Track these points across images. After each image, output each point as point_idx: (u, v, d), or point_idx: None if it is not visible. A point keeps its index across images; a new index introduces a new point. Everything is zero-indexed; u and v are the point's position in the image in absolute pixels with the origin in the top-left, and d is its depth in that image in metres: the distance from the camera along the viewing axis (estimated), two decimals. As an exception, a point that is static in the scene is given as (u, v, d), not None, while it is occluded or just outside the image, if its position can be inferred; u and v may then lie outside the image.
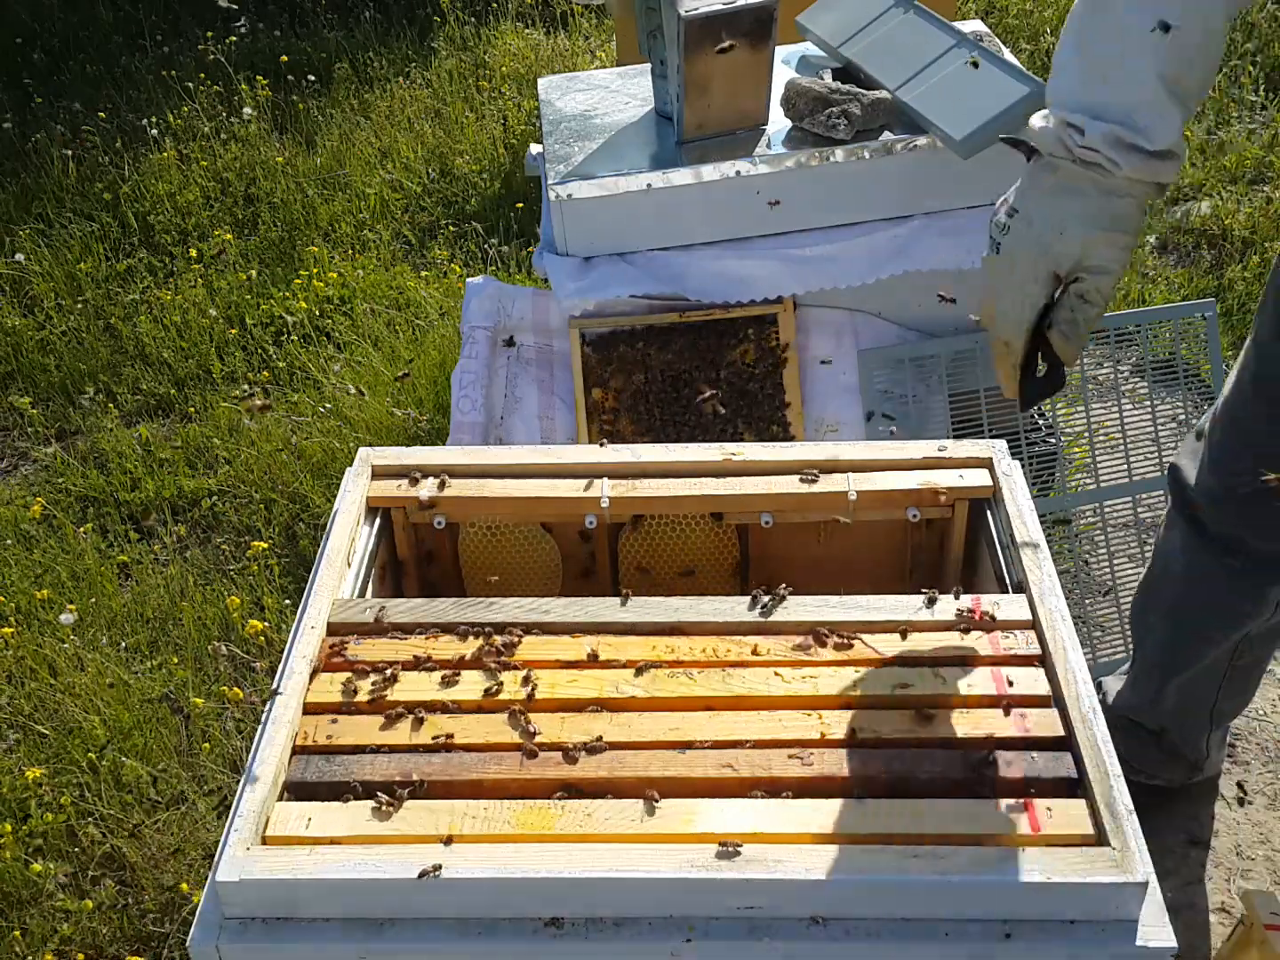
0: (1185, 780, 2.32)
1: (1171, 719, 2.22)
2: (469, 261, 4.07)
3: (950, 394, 2.61)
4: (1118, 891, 1.17)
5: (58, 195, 4.50)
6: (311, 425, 3.39)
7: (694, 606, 1.51)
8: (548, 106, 2.68)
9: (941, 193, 2.48)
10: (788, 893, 1.19)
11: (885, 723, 1.36)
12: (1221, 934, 2.13)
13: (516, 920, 1.21)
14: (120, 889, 2.33)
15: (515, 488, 1.69)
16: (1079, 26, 1.40)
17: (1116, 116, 1.35)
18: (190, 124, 4.81)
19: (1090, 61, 1.38)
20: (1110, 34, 1.36)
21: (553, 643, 1.47)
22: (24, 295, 4.08)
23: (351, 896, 1.21)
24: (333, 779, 1.31)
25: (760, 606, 1.49)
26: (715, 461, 1.71)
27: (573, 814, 1.26)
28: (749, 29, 2.34)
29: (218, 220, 4.35)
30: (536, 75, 4.76)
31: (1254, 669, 2.19)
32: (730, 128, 2.50)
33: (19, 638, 2.80)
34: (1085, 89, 1.37)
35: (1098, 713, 1.34)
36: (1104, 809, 1.23)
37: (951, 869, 1.18)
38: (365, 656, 1.46)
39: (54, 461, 3.42)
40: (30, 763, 2.53)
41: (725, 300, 2.51)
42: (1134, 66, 1.35)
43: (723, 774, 1.30)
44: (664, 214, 2.45)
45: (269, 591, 2.90)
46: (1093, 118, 1.35)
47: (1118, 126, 1.34)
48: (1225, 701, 2.20)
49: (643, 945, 1.20)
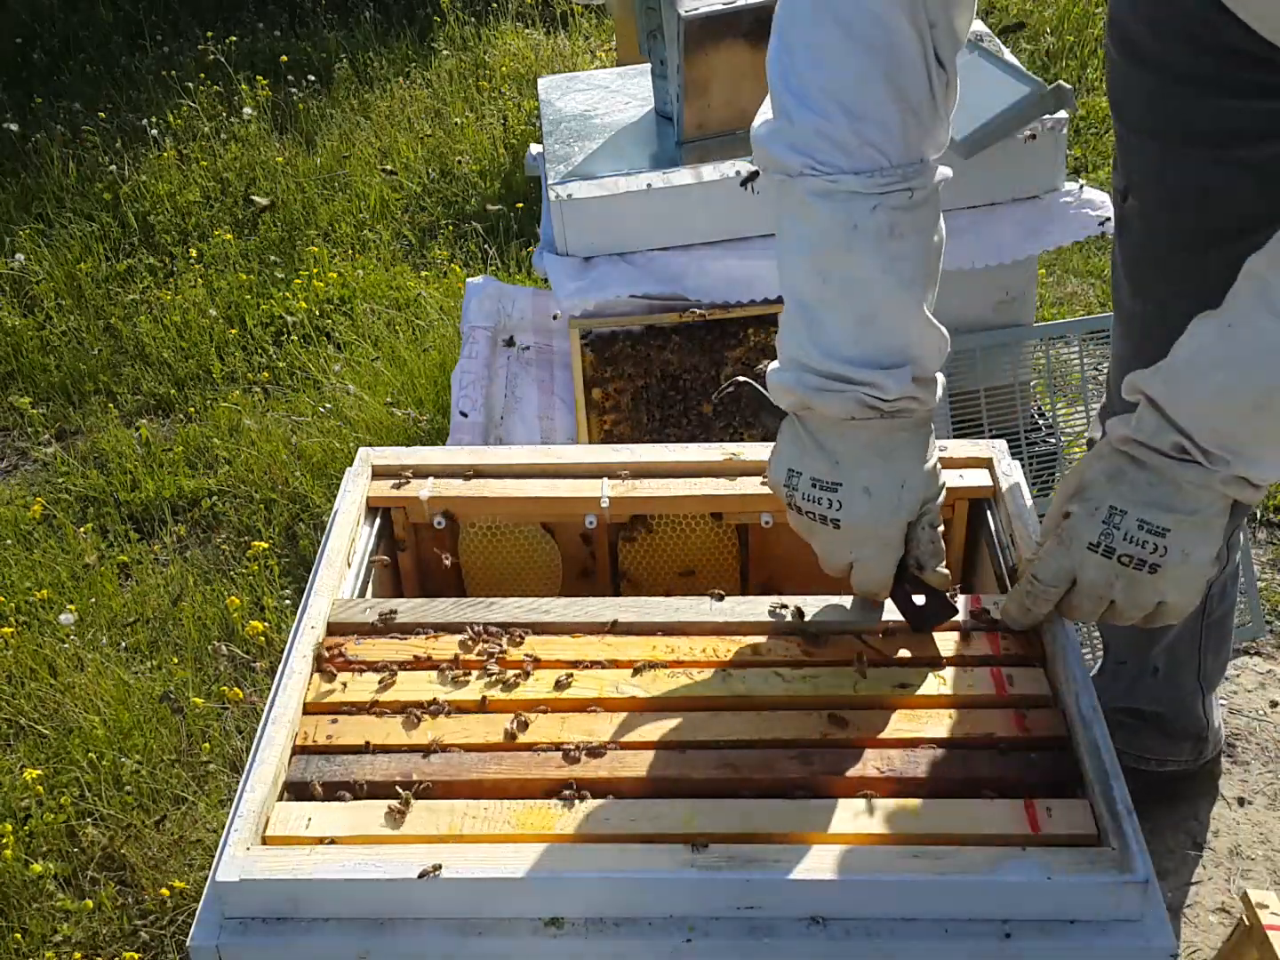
0: (1195, 759, 2.31)
1: (1163, 695, 2.22)
2: (469, 261, 4.07)
3: (950, 394, 2.61)
4: (1118, 891, 1.17)
5: (58, 195, 4.50)
6: (311, 425, 3.39)
7: (694, 607, 1.51)
8: (548, 106, 2.68)
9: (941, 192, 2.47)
10: (788, 893, 1.19)
11: (885, 723, 1.36)
12: (1221, 934, 2.13)
13: (516, 920, 1.21)
14: (120, 889, 2.33)
15: (515, 488, 1.69)
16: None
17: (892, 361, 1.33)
18: (190, 124, 4.81)
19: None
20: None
21: (553, 643, 1.47)
22: (24, 295, 4.08)
23: (351, 896, 1.21)
24: (333, 779, 1.31)
25: (769, 612, 1.49)
26: (715, 461, 1.71)
27: (573, 814, 1.26)
28: (749, 29, 2.34)
29: (218, 220, 4.35)
30: (536, 75, 4.76)
31: (1225, 621, 2.20)
32: (730, 128, 2.50)
33: (19, 638, 2.80)
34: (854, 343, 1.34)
35: (1098, 712, 1.33)
36: (1104, 809, 1.23)
37: (951, 869, 1.18)
38: (365, 656, 1.46)
39: (54, 461, 3.42)
40: (30, 763, 2.53)
41: (725, 300, 2.51)
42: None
43: (723, 774, 1.30)
44: (664, 214, 2.45)
45: (269, 591, 2.90)
46: (880, 367, 1.33)
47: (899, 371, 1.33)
48: (1209, 660, 2.20)
49: (643, 945, 1.20)
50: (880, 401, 1.34)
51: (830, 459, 1.37)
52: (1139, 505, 1.31)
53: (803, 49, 1.30)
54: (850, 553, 1.41)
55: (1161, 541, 1.31)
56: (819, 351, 1.34)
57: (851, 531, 1.38)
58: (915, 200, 1.32)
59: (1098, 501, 1.34)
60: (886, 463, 1.37)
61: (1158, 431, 1.31)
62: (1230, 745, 2.48)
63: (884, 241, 1.31)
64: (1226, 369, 1.28)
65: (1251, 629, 2.67)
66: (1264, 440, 1.29)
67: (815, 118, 1.28)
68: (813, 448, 1.38)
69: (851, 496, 1.37)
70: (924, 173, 1.33)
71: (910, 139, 1.31)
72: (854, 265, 1.32)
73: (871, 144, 1.29)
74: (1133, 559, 1.32)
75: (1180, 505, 1.31)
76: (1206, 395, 1.29)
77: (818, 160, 1.29)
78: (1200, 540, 1.31)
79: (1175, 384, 1.31)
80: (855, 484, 1.36)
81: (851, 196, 1.29)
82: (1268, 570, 2.88)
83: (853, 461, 1.36)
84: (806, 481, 1.38)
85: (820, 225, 1.31)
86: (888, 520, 1.38)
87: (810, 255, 1.33)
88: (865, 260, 1.31)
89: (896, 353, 1.34)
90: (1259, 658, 2.69)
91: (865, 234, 1.30)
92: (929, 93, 1.31)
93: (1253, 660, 2.69)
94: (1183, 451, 1.30)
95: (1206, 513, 1.31)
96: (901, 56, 1.28)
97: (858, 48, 1.27)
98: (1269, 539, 2.97)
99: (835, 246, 1.31)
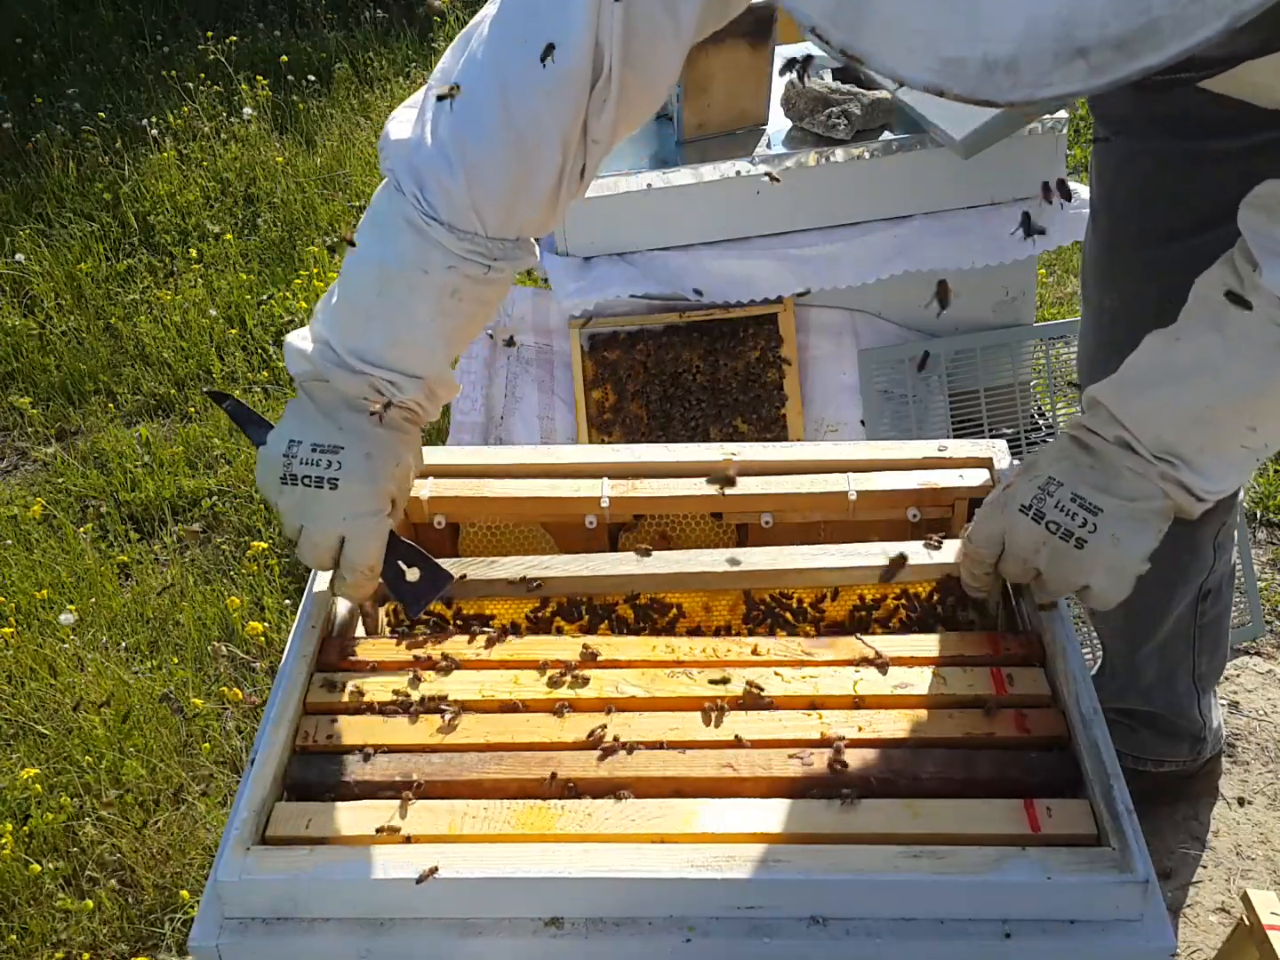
0: (1195, 758, 2.31)
1: (1158, 695, 2.22)
2: (469, 261, 4.07)
3: (950, 394, 2.61)
4: (1118, 891, 1.17)
5: (58, 195, 4.50)
6: (311, 425, 3.39)
7: (693, 559, 1.56)
8: (548, 106, 2.68)
9: (941, 193, 2.48)
10: (788, 893, 1.19)
11: (885, 723, 1.36)
12: (1221, 934, 2.13)
13: (516, 920, 1.21)
14: (120, 889, 2.33)
15: (515, 488, 1.69)
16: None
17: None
18: (190, 124, 4.81)
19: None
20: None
21: (552, 642, 1.47)
22: (24, 295, 4.08)
23: (351, 896, 1.21)
24: (333, 779, 1.31)
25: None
26: (715, 461, 1.71)
27: (573, 814, 1.26)
28: (749, 29, 2.34)
29: (218, 220, 4.35)
30: (536, 75, 4.75)
31: (1220, 622, 2.20)
32: (730, 128, 2.50)
33: (19, 638, 2.81)
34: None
35: (1098, 712, 1.34)
36: (1104, 809, 1.23)
37: (951, 869, 1.18)
38: (365, 656, 1.46)
39: (54, 461, 3.42)
40: (30, 763, 2.53)
41: (725, 300, 2.51)
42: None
43: (723, 774, 1.30)
44: (664, 214, 2.45)
45: (269, 591, 2.90)
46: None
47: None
48: (1203, 662, 2.20)
49: (643, 945, 1.20)
50: (392, 393, 1.42)
51: (335, 426, 1.42)
52: (1077, 481, 1.38)
53: (472, 95, 1.32)
54: (343, 518, 1.41)
55: (1092, 519, 1.36)
56: (346, 348, 1.41)
57: (350, 491, 1.41)
58: (489, 278, 1.40)
59: (1039, 472, 1.41)
60: (389, 436, 1.43)
61: (1106, 424, 1.39)
62: (1230, 745, 2.48)
63: (444, 298, 1.39)
64: (1169, 383, 1.35)
65: (1251, 629, 2.67)
66: (1205, 452, 1.35)
67: (443, 161, 1.33)
68: (318, 417, 1.43)
69: (353, 458, 1.41)
70: (511, 255, 1.40)
71: (516, 217, 1.37)
72: (410, 301, 1.39)
73: (476, 209, 1.34)
74: (1060, 527, 1.37)
75: (1116, 490, 1.37)
76: (1150, 405, 1.36)
77: (425, 198, 1.35)
78: (1132, 530, 1.36)
79: (1123, 393, 1.39)
80: (358, 448, 1.41)
81: (437, 245, 1.36)
82: (1268, 570, 2.88)
83: (356, 431, 1.42)
84: (307, 448, 1.42)
85: (400, 249, 1.38)
86: (383, 483, 1.42)
87: (380, 265, 1.40)
88: (420, 304, 1.39)
89: (416, 375, 1.43)
90: (1259, 658, 2.69)
91: (431, 283, 1.38)
92: (554, 191, 1.36)
93: (1253, 660, 2.68)
94: (1126, 445, 1.37)
95: (1143, 504, 1.36)
96: (542, 159, 1.32)
97: (509, 133, 1.31)
98: (1269, 539, 2.97)
99: (403, 276, 1.38)
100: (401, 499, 1.47)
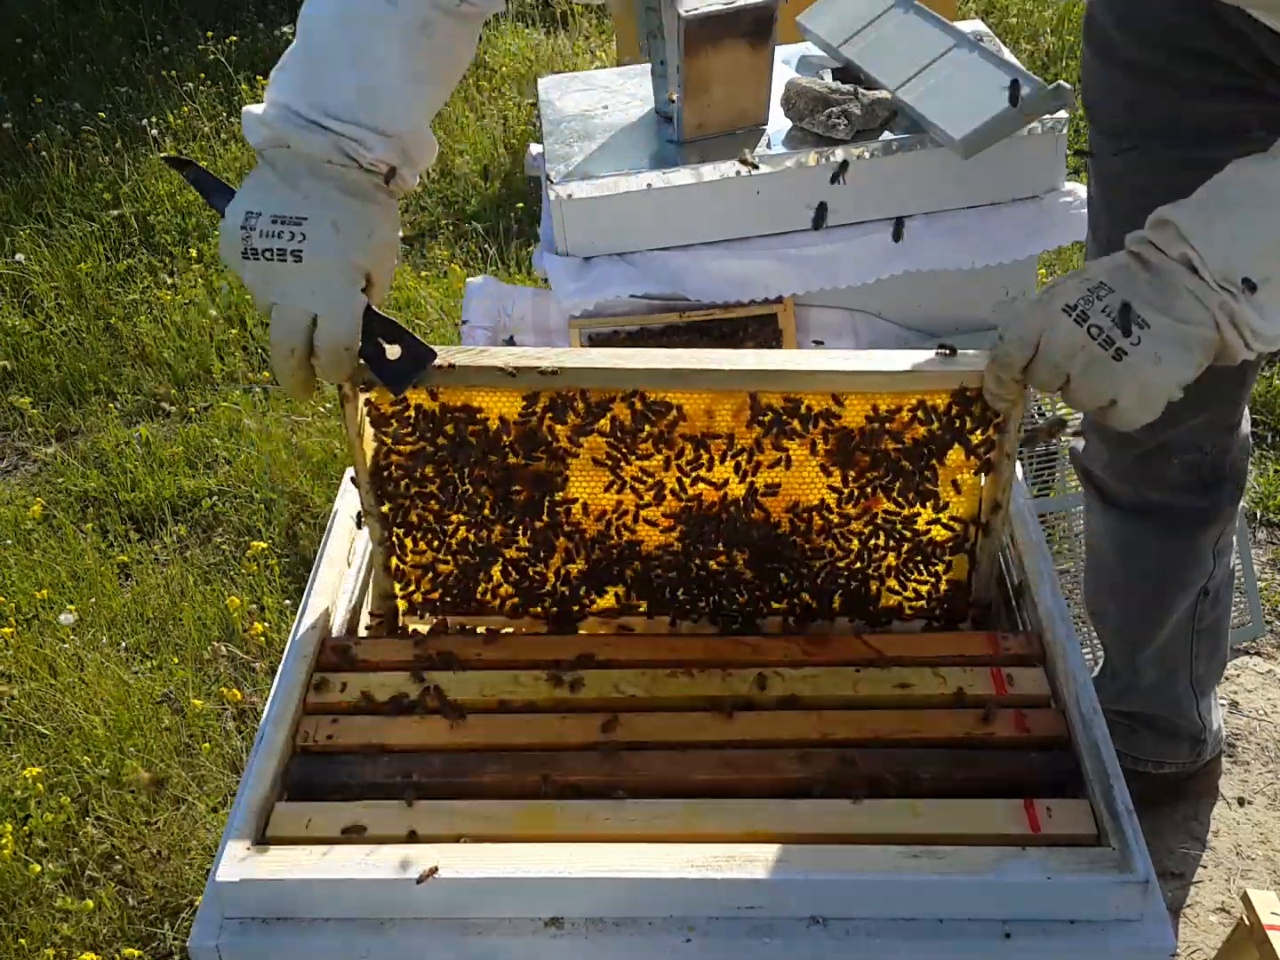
0: (1195, 759, 2.31)
1: (1157, 698, 2.22)
2: (469, 261, 4.07)
3: (950, 394, 2.60)
4: (1118, 891, 1.17)
5: (58, 195, 4.50)
6: (311, 425, 3.40)
7: (702, 357, 1.43)
8: (548, 106, 2.68)
9: (941, 193, 2.48)
10: (788, 893, 1.19)
11: (885, 723, 1.36)
12: (1221, 934, 2.13)
13: (516, 920, 1.21)
14: (120, 889, 2.33)
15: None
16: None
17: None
18: (190, 124, 4.81)
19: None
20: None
21: (552, 643, 1.47)
22: (24, 295, 4.08)
23: (351, 896, 1.21)
24: (333, 779, 1.31)
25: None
26: None
27: (573, 814, 1.26)
28: (749, 29, 2.34)
29: (218, 220, 4.35)
30: (536, 75, 4.75)
31: (1219, 625, 2.20)
32: (730, 128, 2.49)
33: (19, 638, 2.81)
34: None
35: (1098, 712, 1.34)
36: (1104, 809, 1.23)
37: (951, 869, 1.18)
38: (366, 656, 1.46)
39: (54, 461, 3.42)
40: (30, 763, 2.53)
41: (725, 300, 2.51)
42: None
43: (723, 774, 1.30)
44: (664, 214, 2.45)
45: (269, 591, 2.90)
46: None
47: None
48: (1201, 665, 2.20)
49: (643, 945, 1.20)
50: (361, 154, 1.32)
51: (299, 195, 1.32)
52: (1131, 292, 1.27)
53: None
54: (311, 293, 1.31)
55: (1139, 332, 1.25)
56: (308, 103, 1.32)
57: (316, 264, 1.31)
58: (462, 12, 1.33)
59: (1091, 275, 1.30)
60: (360, 205, 1.33)
61: (1172, 241, 1.27)
62: (1230, 745, 2.48)
63: (415, 33, 1.32)
64: (1253, 205, 1.25)
65: (1251, 629, 2.66)
66: (1272, 285, 1.24)
67: None
68: (279, 185, 1.33)
69: (318, 229, 1.31)
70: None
71: None
72: (376, 38, 1.31)
73: None
74: (1102, 333, 1.26)
75: (1171, 309, 1.26)
76: (1227, 227, 1.25)
77: None
78: (1175, 353, 1.26)
79: (1198, 213, 1.27)
80: (324, 218, 1.31)
81: None
82: (1268, 570, 2.88)
83: (322, 199, 1.32)
84: (267, 219, 1.31)
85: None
86: (353, 255, 1.32)
87: (343, 6, 1.32)
88: (388, 41, 1.32)
89: (387, 133, 1.33)
90: (1259, 658, 2.69)
91: (400, 18, 1.31)
92: None
93: (1253, 660, 2.69)
94: (1190, 266, 1.26)
95: (1194, 329, 1.26)
96: None
97: None
98: (1269, 539, 2.97)
99: (368, 11, 1.31)
100: (379, 275, 1.36)
